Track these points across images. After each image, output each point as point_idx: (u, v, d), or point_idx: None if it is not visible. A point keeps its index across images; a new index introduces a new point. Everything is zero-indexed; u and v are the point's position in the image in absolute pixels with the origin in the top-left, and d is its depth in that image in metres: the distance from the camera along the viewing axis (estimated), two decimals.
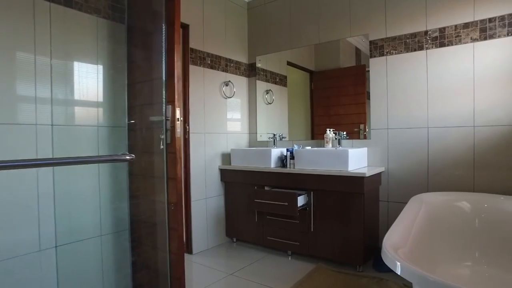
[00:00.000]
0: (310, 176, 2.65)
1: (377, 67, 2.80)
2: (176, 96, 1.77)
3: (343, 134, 2.95)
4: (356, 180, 2.43)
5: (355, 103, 3.06)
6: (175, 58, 1.78)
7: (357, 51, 3.03)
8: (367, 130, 2.91)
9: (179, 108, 1.78)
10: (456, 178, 2.46)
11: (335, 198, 2.58)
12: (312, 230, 2.69)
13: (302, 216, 2.73)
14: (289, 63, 3.50)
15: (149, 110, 1.98)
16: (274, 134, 3.40)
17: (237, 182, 3.18)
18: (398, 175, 2.70)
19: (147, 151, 2.03)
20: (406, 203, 2.37)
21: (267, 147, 3.52)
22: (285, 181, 2.81)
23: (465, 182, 2.42)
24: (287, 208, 2.62)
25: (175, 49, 1.76)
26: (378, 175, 2.70)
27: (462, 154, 2.43)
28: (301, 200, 2.65)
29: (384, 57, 2.76)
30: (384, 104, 2.77)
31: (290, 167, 2.86)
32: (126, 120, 2.11)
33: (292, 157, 2.85)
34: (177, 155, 1.77)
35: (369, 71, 2.86)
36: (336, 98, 3.17)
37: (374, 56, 2.82)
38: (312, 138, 3.28)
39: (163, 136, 1.78)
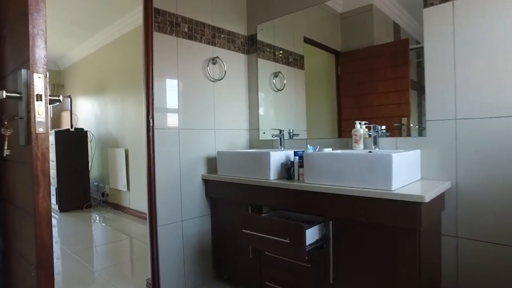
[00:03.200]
0: (327, 196, 1.66)
1: (436, 21, 1.75)
2: (35, 55, 0.86)
3: (382, 130, 1.93)
4: (407, 208, 1.41)
5: (395, 90, 2.07)
6: None
7: (395, 26, 2.04)
8: (411, 125, 1.89)
9: (41, 76, 0.87)
10: None
11: (369, 234, 1.57)
12: (331, 281, 1.70)
13: (316, 257, 1.74)
14: (307, 40, 2.53)
15: None
16: (280, 131, 2.42)
17: (227, 198, 2.24)
18: (475, 194, 1.64)
19: None
20: (493, 243, 1.34)
21: (272, 147, 2.56)
22: (291, 201, 1.83)
23: None
24: (289, 248, 1.64)
25: None
26: (441, 196, 1.65)
27: None
28: (312, 235, 1.67)
29: (449, 3, 1.71)
30: (450, 80, 1.72)
31: (298, 180, 1.88)
32: None
33: (302, 165, 1.87)
34: (36, 169, 0.86)
35: (422, 49, 1.81)
36: (370, 84, 2.18)
37: (432, 4, 1.77)
38: (340, 135, 2.27)
39: (9, 132, 0.87)
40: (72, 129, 4.91)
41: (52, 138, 4.80)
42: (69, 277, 2.51)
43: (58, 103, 0.95)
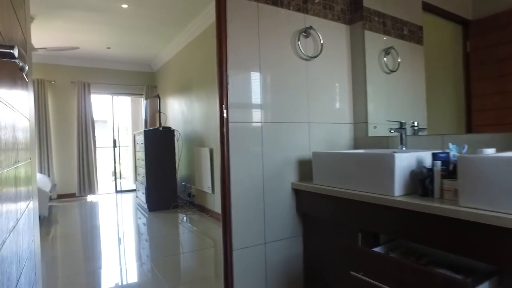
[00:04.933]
0: (509, 233, 0.93)
1: None
2: None
3: None
4: None
5: None
6: None
7: None
8: None
9: None
10: None
11: None
12: None
13: None
14: (426, 6, 1.80)
15: None
16: (401, 124, 1.71)
17: (327, 216, 1.64)
18: None
19: None
20: None
21: (386, 147, 1.87)
22: (428, 232, 1.14)
23: None
24: None
25: None
26: None
27: None
28: None
29: None
30: None
31: (440, 199, 1.18)
32: None
33: (451, 174, 1.16)
34: None
35: None
36: None
37: None
38: (469, 131, 1.50)
39: None
40: (160, 128, 4.87)
41: (141, 138, 4.82)
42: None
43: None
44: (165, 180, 4.78)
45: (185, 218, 4.34)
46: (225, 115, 1.57)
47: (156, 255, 2.95)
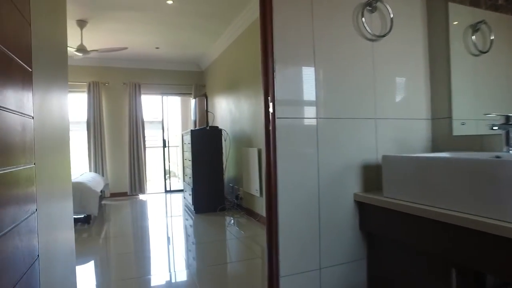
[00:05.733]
0: None
1: None
2: None
3: None
4: None
5: None
6: None
7: None
8: None
9: None
10: None
11: None
12: None
13: None
14: None
15: None
16: (508, 118, 1.27)
17: (401, 240, 1.27)
18: None
19: None
20: None
21: (480, 150, 1.44)
22: None
23: None
24: None
25: None
26: None
27: None
28: None
29: None
30: None
31: None
32: None
33: None
34: None
35: None
36: None
37: None
38: None
39: None
40: (207, 128, 4.72)
41: (188, 137, 4.71)
42: None
43: None
44: (212, 182, 4.62)
45: (232, 221, 4.14)
46: (270, 109, 1.27)
47: (201, 264, 2.75)
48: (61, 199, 1.40)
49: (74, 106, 5.88)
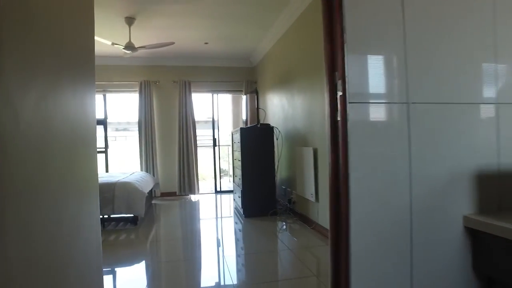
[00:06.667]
0: None
1: None
2: None
3: None
4: None
5: None
6: None
7: None
8: None
9: None
10: None
11: None
12: None
13: None
14: None
15: None
16: None
17: None
18: None
19: None
20: None
21: None
22: None
23: None
24: None
25: None
26: None
27: None
28: None
29: None
30: None
31: None
32: None
33: None
34: None
35: None
36: None
37: None
38: None
39: None
40: (258, 125, 4.37)
41: (238, 136, 4.42)
42: None
43: None
44: (263, 184, 4.27)
45: (284, 226, 3.75)
46: (339, 90, 0.86)
47: (250, 280, 2.42)
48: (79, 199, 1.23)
49: (128, 106, 5.93)
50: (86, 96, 1.36)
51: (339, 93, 0.85)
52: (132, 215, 3.89)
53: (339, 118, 0.86)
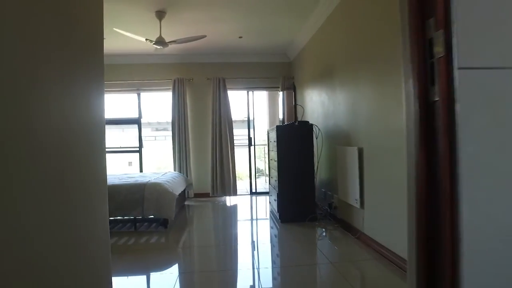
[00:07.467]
0: None
1: None
2: None
3: None
4: None
5: None
6: None
7: None
8: None
9: None
10: None
11: None
12: None
13: None
14: None
15: None
16: None
17: None
18: None
19: None
20: None
21: None
22: None
23: None
24: None
25: None
26: None
27: None
28: None
29: None
30: None
31: None
32: None
33: None
34: None
35: None
36: None
37: None
38: None
39: None
40: (296, 123, 4.04)
41: (273, 135, 4.11)
42: None
43: None
44: (300, 186, 3.92)
45: (324, 233, 3.40)
46: (438, 51, 0.51)
47: None
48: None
49: (164, 105, 5.81)
50: (92, 94, 1.29)
51: (438, 54, 0.51)
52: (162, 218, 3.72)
53: (437, 98, 0.52)
